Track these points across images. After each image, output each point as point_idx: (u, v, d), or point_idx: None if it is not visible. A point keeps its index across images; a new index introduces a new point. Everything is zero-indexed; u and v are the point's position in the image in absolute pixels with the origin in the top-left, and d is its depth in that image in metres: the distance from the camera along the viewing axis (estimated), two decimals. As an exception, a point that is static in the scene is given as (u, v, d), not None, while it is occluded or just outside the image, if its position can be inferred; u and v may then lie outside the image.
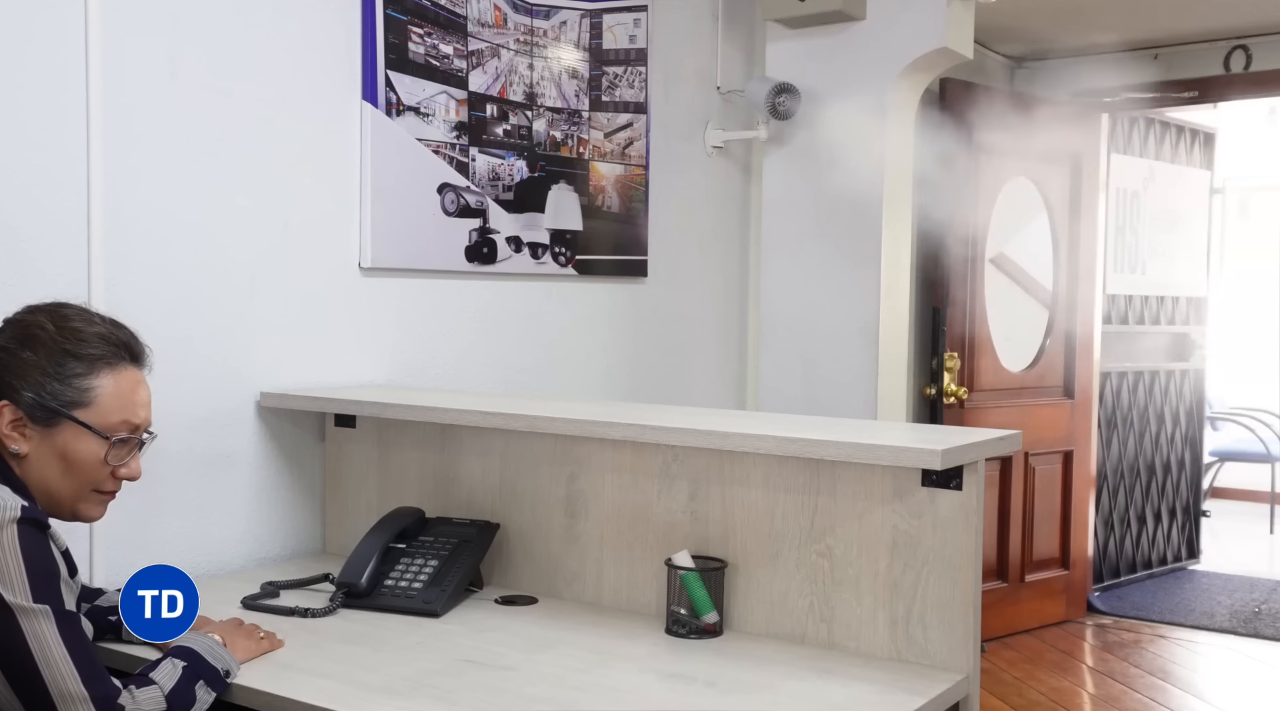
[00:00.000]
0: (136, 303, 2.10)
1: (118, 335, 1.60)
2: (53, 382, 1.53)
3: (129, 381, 1.59)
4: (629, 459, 1.99)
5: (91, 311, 1.62)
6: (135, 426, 1.60)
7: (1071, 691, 3.89)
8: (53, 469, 1.55)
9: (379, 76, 2.54)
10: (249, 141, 2.29)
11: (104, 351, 1.57)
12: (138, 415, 1.60)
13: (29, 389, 1.52)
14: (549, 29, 2.99)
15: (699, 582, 1.84)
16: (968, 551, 1.68)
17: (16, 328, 1.57)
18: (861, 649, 1.77)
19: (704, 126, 3.55)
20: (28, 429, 1.53)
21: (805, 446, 1.74)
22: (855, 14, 3.40)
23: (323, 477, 2.43)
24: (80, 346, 1.55)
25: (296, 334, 2.40)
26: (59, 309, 1.59)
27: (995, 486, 4.37)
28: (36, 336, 1.54)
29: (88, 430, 1.55)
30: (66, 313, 1.59)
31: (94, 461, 1.56)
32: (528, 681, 1.64)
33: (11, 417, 1.52)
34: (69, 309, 1.60)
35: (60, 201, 2.00)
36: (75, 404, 1.54)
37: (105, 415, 1.56)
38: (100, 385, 1.56)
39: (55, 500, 1.57)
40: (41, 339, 1.54)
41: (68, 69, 2.00)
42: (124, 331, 1.62)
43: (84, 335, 1.56)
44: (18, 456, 1.54)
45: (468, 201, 2.77)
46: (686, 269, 3.50)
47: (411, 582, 1.98)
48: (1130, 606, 4.88)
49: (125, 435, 1.59)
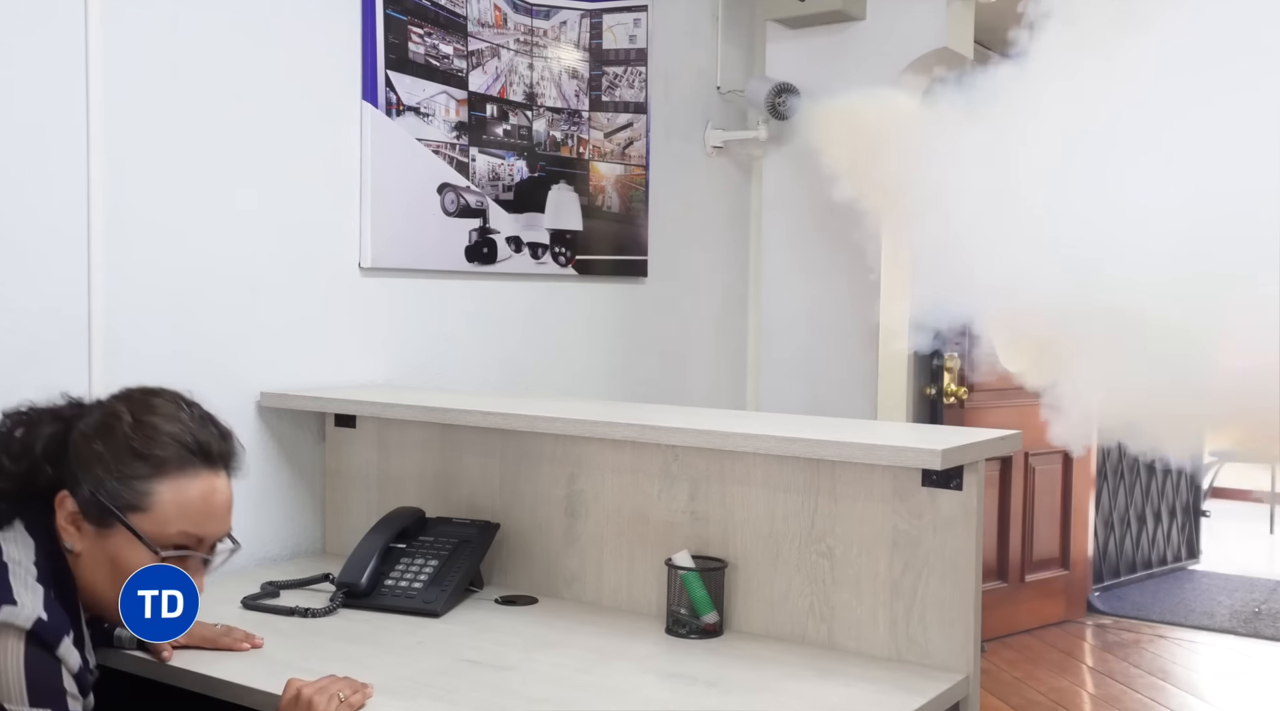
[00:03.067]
0: (136, 303, 2.10)
1: (197, 435, 1.46)
2: (112, 481, 1.41)
3: (199, 489, 1.45)
4: (629, 459, 1.99)
5: (185, 403, 1.50)
6: (199, 539, 1.46)
7: (1071, 691, 3.89)
8: (102, 573, 1.43)
9: (379, 76, 2.54)
10: (249, 141, 2.29)
11: (174, 453, 1.43)
12: (203, 527, 1.46)
13: (89, 483, 1.41)
14: (549, 29, 2.99)
15: (699, 582, 1.84)
16: (968, 551, 1.68)
17: (99, 412, 1.47)
18: (861, 649, 1.77)
19: (704, 126, 3.55)
20: (83, 525, 1.42)
21: (805, 446, 1.75)
22: (855, 14, 3.40)
23: (323, 477, 2.43)
24: (148, 445, 1.42)
25: (296, 334, 2.40)
26: (148, 398, 1.48)
27: (995, 486, 4.37)
28: (111, 427, 1.43)
29: (139, 539, 1.41)
30: (153, 404, 1.46)
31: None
32: (528, 681, 1.64)
33: (71, 510, 1.42)
34: (159, 399, 1.48)
35: (60, 202, 2.00)
36: (131, 507, 1.41)
37: (162, 524, 1.42)
38: (161, 491, 1.42)
39: (103, 604, 1.45)
40: (115, 430, 1.43)
41: (68, 69, 2.00)
42: (207, 431, 1.48)
43: (157, 433, 1.43)
44: (72, 552, 1.43)
45: (468, 201, 2.77)
46: (686, 269, 3.50)
47: (412, 582, 1.98)
48: (1130, 606, 4.88)
49: (182, 550, 1.44)
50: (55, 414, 1.50)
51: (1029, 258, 2.57)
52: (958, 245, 2.76)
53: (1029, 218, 2.60)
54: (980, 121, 2.70)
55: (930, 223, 2.88)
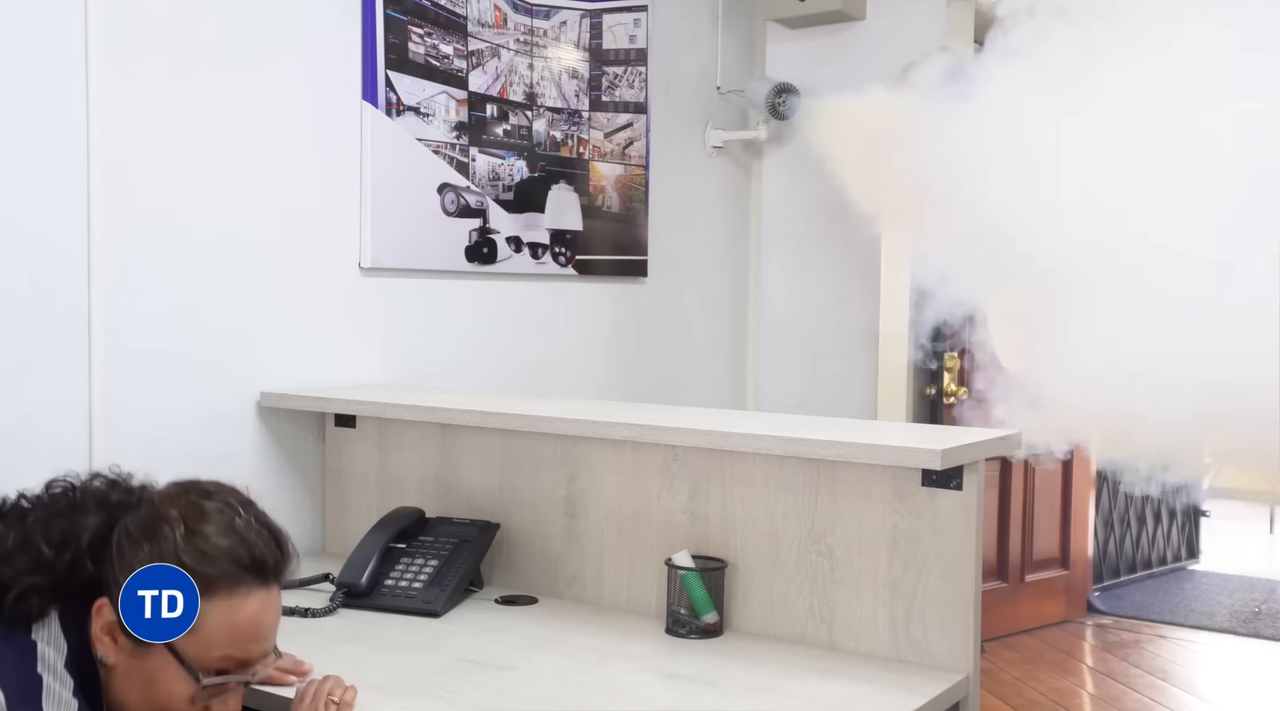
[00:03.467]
0: (136, 303, 2.10)
1: (252, 550, 1.33)
2: None
3: (249, 610, 1.33)
4: (629, 459, 1.99)
5: (240, 506, 1.38)
6: (243, 662, 1.34)
7: (1071, 691, 3.88)
8: (135, 692, 1.31)
9: (379, 76, 2.54)
10: (249, 141, 2.29)
11: (225, 572, 1.31)
12: (248, 650, 1.34)
13: None
14: (549, 29, 2.99)
15: (699, 582, 1.84)
16: (968, 551, 1.68)
17: (150, 511, 1.35)
18: (861, 649, 1.77)
19: (704, 126, 3.55)
20: (120, 639, 1.30)
21: (805, 446, 1.75)
22: (855, 14, 3.41)
23: (323, 477, 2.43)
24: (199, 561, 1.30)
25: (296, 334, 2.40)
26: (202, 502, 1.35)
27: (995, 486, 4.37)
28: (160, 533, 1.32)
29: (179, 662, 1.29)
30: (206, 510, 1.34)
31: (180, 699, 1.30)
32: (528, 681, 1.64)
33: (108, 620, 1.30)
34: (213, 503, 1.36)
35: (60, 202, 2.00)
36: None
37: (205, 648, 1.30)
38: (208, 612, 1.29)
39: None
40: (163, 538, 1.31)
41: (68, 69, 2.00)
42: (262, 546, 1.35)
43: (209, 548, 1.31)
44: (104, 664, 1.31)
45: (468, 201, 2.77)
46: (686, 269, 3.50)
47: (411, 582, 1.98)
48: (1130, 606, 4.88)
49: (224, 675, 1.32)
50: (100, 499, 1.39)
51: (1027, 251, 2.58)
52: (957, 244, 2.76)
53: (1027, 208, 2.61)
54: (974, 112, 2.71)
55: (930, 222, 2.89)
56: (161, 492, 1.38)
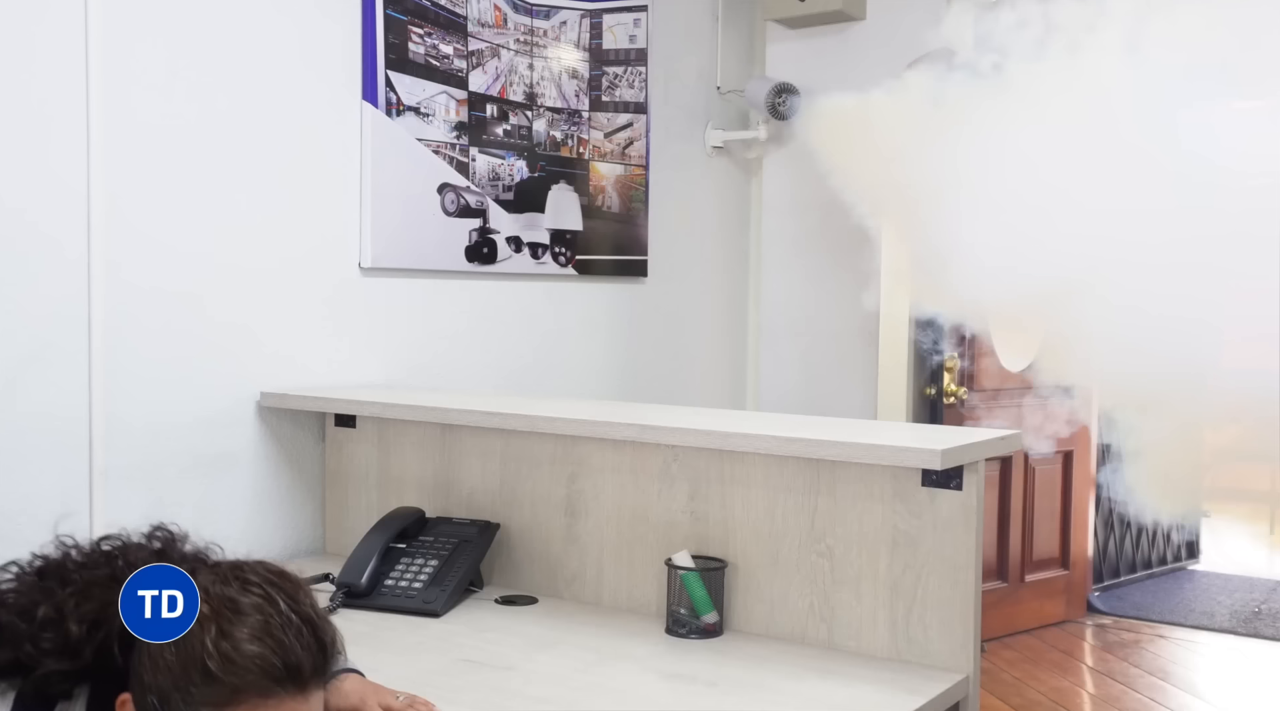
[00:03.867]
0: (136, 303, 2.10)
1: (286, 658, 1.18)
2: (177, 698, 1.16)
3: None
4: (629, 459, 1.99)
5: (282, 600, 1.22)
6: None
7: (1071, 691, 3.88)
8: None
9: (379, 76, 2.54)
10: (249, 141, 2.29)
11: (255, 681, 1.16)
12: None
13: (153, 693, 1.17)
14: (549, 29, 2.99)
15: (699, 582, 1.84)
16: (968, 551, 1.68)
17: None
18: (862, 649, 1.77)
19: (704, 126, 3.55)
20: None
21: (805, 446, 1.75)
22: (855, 14, 3.41)
23: (323, 477, 2.43)
24: (226, 668, 1.16)
25: (296, 334, 2.40)
26: (237, 598, 1.21)
27: (995, 486, 4.37)
28: (189, 632, 1.19)
29: None
30: (242, 607, 1.19)
31: None
32: (528, 681, 1.64)
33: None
34: (250, 599, 1.21)
35: (61, 203, 2.00)
36: None
37: None
38: None
39: None
40: (193, 636, 1.18)
41: (68, 69, 2.00)
42: (300, 649, 1.20)
43: (238, 654, 1.16)
44: None
45: (468, 201, 2.77)
46: (686, 269, 3.51)
47: (412, 582, 1.98)
48: (1130, 606, 4.88)
49: None
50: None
51: (1025, 251, 2.58)
52: (956, 242, 2.76)
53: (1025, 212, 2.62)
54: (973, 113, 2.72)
55: (929, 221, 2.89)
56: (200, 580, 1.24)
